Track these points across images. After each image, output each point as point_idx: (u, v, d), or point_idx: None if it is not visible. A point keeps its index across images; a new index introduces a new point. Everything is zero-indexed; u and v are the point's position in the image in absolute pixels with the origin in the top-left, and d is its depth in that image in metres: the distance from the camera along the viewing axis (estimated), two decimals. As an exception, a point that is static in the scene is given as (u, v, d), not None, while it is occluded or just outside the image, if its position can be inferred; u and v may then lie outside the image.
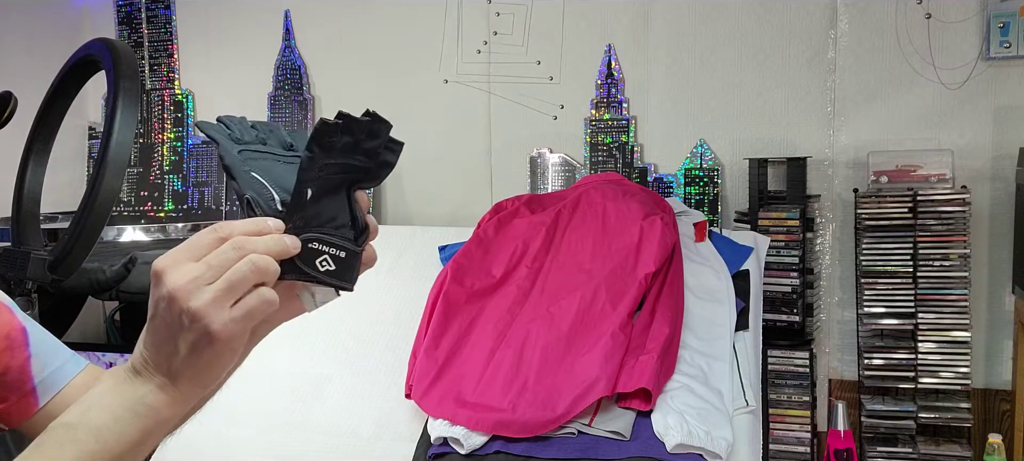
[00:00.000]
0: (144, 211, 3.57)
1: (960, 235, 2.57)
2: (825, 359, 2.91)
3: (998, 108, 2.72)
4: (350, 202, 0.73)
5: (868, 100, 2.84)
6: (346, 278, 0.72)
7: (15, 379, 0.93)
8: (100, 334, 3.39)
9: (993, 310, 2.76)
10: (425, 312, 2.08)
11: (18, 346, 0.94)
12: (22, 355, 0.94)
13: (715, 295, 2.11)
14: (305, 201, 0.70)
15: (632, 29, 3.05)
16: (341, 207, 0.72)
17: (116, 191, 1.63)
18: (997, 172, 2.73)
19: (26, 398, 0.94)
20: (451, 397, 1.84)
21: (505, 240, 2.25)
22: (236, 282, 0.67)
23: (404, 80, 3.29)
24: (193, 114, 3.58)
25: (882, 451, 2.62)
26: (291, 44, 3.42)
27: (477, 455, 1.73)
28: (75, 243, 1.65)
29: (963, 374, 2.58)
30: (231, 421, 1.94)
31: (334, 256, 0.71)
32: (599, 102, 3.11)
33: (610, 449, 1.70)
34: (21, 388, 0.94)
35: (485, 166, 3.25)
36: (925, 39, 2.76)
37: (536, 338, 1.92)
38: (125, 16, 3.61)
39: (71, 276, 1.72)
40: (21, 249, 1.74)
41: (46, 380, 0.95)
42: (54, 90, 1.79)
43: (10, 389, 0.93)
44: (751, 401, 1.88)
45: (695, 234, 2.31)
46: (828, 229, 2.89)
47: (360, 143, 0.71)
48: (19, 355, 0.94)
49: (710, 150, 2.99)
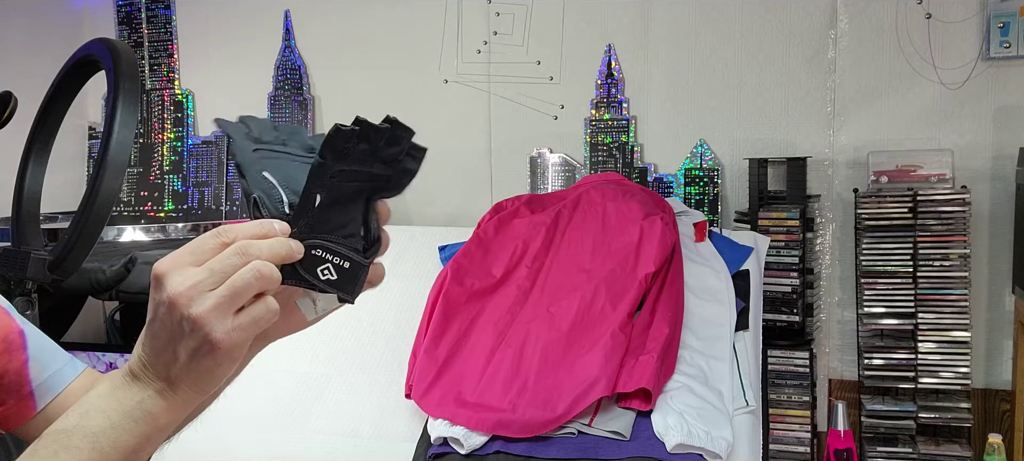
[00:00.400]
0: (144, 211, 3.57)
1: (960, 235, 2.57)
2: (825, 359, 2.91)
3: (998, 108, 2.72)
4: (367, 212, 0.70)
5: (868, 100, 2.84)
6: (347, 289, 0.69)
7: (13, 382, 0.92)
8: (100, 334, 3.39)
9: (993, 310, 2.76)
10: (425, 312, 2.08)
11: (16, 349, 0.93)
12: (20, 358, 0.93)
13: (715, 295, 2.11)
14: (313, 207, 0.68)
15: (632, 29, 3.05)
16: (354, 216, 0.70)
17: (116, 191, 1.63)
18: (997, 172, 2.73)
19: (24, 402, 0.93)
20: (451, 397, 1.84)
21: (505, 240, 2.25)
22: (239, 289, 0.65)
23: (404, 80, 3.29)
24: (193, 114, 3.58)
25: (882, 451, 2.62)
26: (291, 44, 3.42)
27: (477, 455, 1.73)
28: (75, 243, 1.65)
29: (963, 374, 2.58)
30: (231, 421, 1.94)
31: (337, 265, 0.69)
32: (599, 102, 3.11)
33: (610, 449, 1.70)
34: (19, 391, 0.93)
35: (485, 166, 3.24)
36: (925, 39, 2.76)
37: (536, 338, 1.92)
38: (125, 16, 3.61)
39: (71, 276, 1.71)
40: (21, 249, 1.74)
41: (44, 384, 0.94)
42: (54, 90, 1.79)
43: (8, 392, 0.92)
44: (751, 401, 1.88)
45: (695, 234, 2.31)
46: (828, 229, 2.89)
47: (379, 150, 0.68)
48: (17, 358, 0.93)
49: (710, 150, 2.99)
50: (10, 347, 0.93)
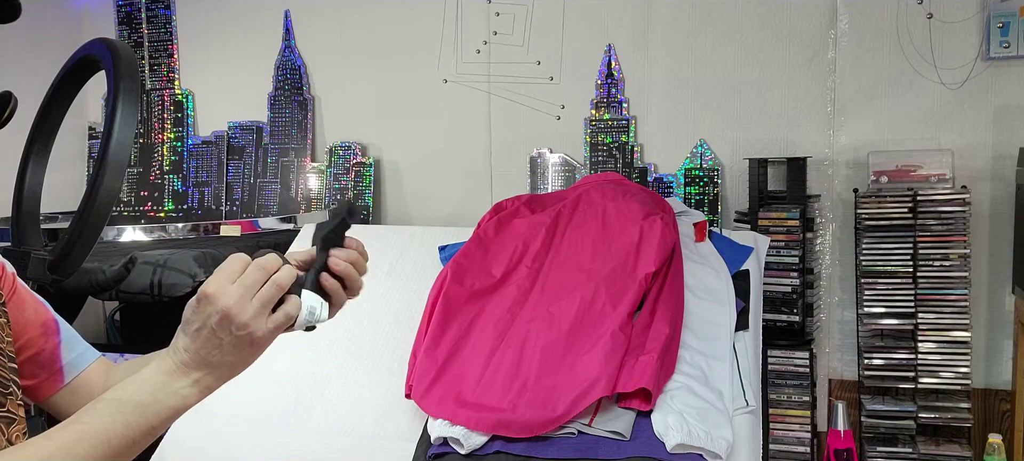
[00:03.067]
0: (144, 211, 3.57)
1: (960, 235, 2.57)
2: (825, 359, 2.91)
3: (998, 108, 2.72)
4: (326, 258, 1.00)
5: (868, 100, 2.84)
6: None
7: (47, 360, 1.16)
8: (100, 334, 3.39)
9: (993, 310, 2.76)
10: (425, 312, 2.07)
11: (52, 333, 1.17)
12: (54, 341, 1.17)
13: (715, 295, 2.11)
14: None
15: (632, 29, 3.05)
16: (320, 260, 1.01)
17: (116, 191, 1.63)
18: (997, 172, 2.73)
19: (54, 377, 1.17)
20: (451, 397, 1.84)
21: (505, 240, 2.25)
22: (267, 299, 0.92)
23: (404, 80, 3.29)
24: (193, 114, 3.58)
25: (882, 451, 2.62)
26: (291, 44, 3.42)
27: (477, 455, 1.73)
28: (75, 243, 1.65)
29: (963, 374, 2.58)
30: (231, 421, 1.94)
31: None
32: (599, 102, 3.11)
33: (610, 449, 1.70)
34: (51, 368, 1.17)
35: (485, 166, 3.25)
36: (925, 39, 2.76)
37: (536, 338, 1.92)
38: (125, 16, 3.61)
39: (71, 276, 1.72)
40: (21, 249, 1.74)
41: (70, 363, 1.18)
42: (54, 90, 1.79)
43: (42, 367, 1.16)
44: (751, 401, 1.87)
45: (695, 234, 2.31)
46: (828, 229, 2.89)
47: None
48: (52, 341, 1.17)
49: (710, 150, 2.99)
50: (48, 331, 1.17)
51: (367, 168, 3.31)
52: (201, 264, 2.56)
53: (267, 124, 3.46)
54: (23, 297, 1.16)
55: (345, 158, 3.35)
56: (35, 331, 1.15)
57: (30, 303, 1.17)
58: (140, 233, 2.93)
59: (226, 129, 3.52)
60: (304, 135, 3.41)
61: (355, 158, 3.33)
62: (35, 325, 1.16)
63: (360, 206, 3.31)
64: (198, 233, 2.90)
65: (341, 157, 3.35)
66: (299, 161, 3.41)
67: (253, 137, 3.48)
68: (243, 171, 3.48)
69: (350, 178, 3.33)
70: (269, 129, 3.46)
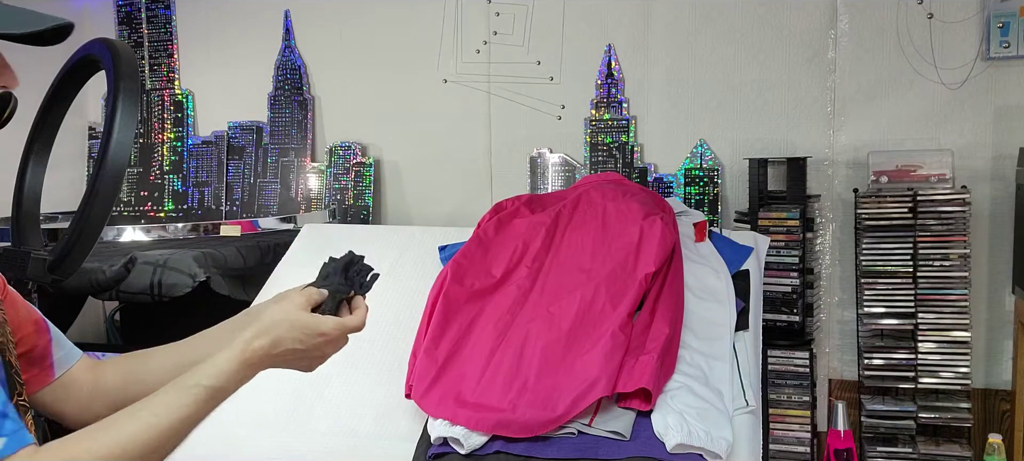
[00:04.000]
0: (144, 211, 3.57)
1: (960, 235, 2.57)
2: (825, 359, 2.91)
3: (998, 108, 2.72)
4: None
5: (868, 100, 2.84)
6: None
7: (39, 356, 1.23)
8: (100, 334, 3.40)
9: (993, 310, 2.76)
10: (425, 312, 2.07)
11: (43, 331, 1.24)
12: (45, 338, 1.24)
13: (715, 295, 2.10)
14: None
15: (632, 29, 3.05)
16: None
17: (116, 191, 1.63)
18: (997, 172, 2.73)
19: (46, 371, 1.23)
20: (451, 397, 1.84)
21: (505, 240, 2.25)
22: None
23: (404, 80, 3.29)
24: (193, 114, 3.58)
25: (882, 451, 2.62)
26: (291, 44, 3.42)
27: (477, 455, 1.73)
28: (75, 243, 1.65)
29: (963, 374, 2.58)
30: (232, 421, 1.94)
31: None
32: (599, 102, 3.11)
33: (610, 449, 1.70)
34: (43, 363, 1.23)
35: (485, 166, 3.25)
36: (925, 39, 2.76)
37: (536, 338, 1.92)
38: (125, 16, 3.61)
39: (71, 276, 1.71)
40: (21, 249, 1.74)
41: (60, 359, 1.25)
42: (54, 90, 1.79)
43: (34, 363, 1.22)
44: (751, 401, 1.87)
45: (695, 234, 2.31)
46: (828, 229, 2.89)
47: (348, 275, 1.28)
48: (43, 338, 1.24)
49: (710, 150, 2.99)
50: (40, 329, 1.24)
51: (367, 168, 3.31)
52: (201, 264, 2.56)
53: (267, 124, 3.46)
54: (15, 296, 1.23)
55: (345, 158, 3.35)
56: (28, 328, 1.22)
57: (21, 302, 1.24)
58: (140, 233, 2.93)
59: (226, 129, 3.52)
60: (304, 135, 3.41)
61: (355, 158, 3.33)
62: (28, 323, 1.22)
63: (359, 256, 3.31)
64: (198, 233, 2.90)
65: (341, 157, 3.35)
66: (299, 161, 3.41)
67: (253, 137, 3.48)
68: (243, 171, 3.48)
69: (350, 178, 3.33)
70: (269, 129, 3.46)
